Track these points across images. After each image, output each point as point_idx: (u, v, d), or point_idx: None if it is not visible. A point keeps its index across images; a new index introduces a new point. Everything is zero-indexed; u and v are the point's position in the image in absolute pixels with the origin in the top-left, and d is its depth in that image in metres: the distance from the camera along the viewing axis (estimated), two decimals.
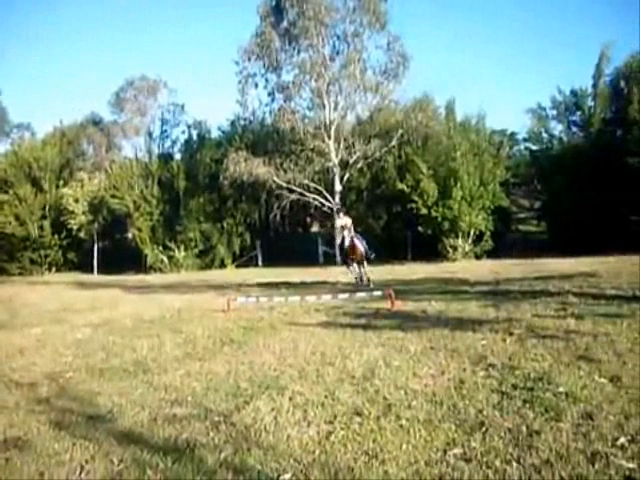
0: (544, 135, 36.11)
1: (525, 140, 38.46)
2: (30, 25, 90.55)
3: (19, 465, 4.10)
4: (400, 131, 31.90)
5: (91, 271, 39.14)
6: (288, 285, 17.47)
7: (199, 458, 3.93)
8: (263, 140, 35.72)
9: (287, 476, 3.57)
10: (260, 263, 36.29)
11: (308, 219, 39.74)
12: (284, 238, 37.21)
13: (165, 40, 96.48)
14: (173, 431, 4.52)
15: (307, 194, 32.54)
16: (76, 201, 38.95)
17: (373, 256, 16.36)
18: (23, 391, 6.26)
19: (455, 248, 29.75)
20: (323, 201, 32.56)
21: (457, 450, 3.74)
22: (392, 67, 31.82)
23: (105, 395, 5.78)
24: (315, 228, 39.14)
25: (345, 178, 32.99)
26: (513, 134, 39.47)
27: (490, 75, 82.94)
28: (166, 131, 43.69)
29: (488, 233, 30.30)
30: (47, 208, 41.01)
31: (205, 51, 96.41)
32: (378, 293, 11.73)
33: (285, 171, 31.97)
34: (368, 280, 15.89)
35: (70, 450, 4.29)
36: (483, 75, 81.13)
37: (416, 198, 29.94)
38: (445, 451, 3.74)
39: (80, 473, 3.87)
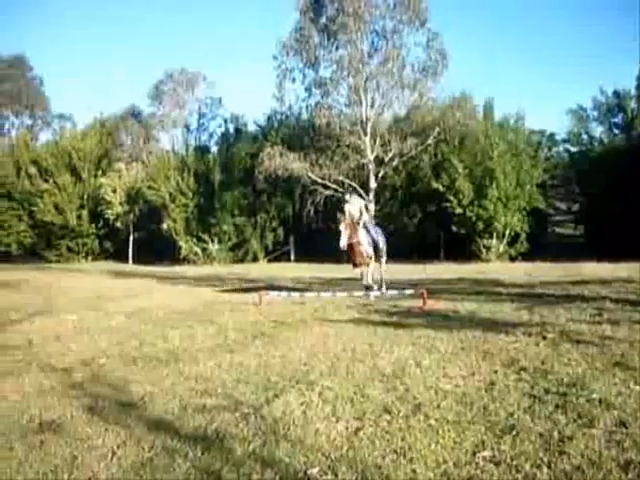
0: (584, 136, 35.47)
1: (564, 141, 37.81)
2: (72, 18, 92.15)
3: (53, 448, 4.19)
4: (437, 129, 31.66)
5: (126, 261, 39.73)
6: (320, 281, 17.50)
7: (228, 449, 3.96)
8: (299, 135, 35.79)
9: (314, 470, 3.58)
10: (292, 258, 36.43)
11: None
12: (317, 234, 37.21)
13: (205, 34, 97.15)
14: (203, 421, 4.57)
15: (341, 190, 32.44)
16: (113, 191, 39.55)
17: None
18: (58, 375, 6.40)
19: (489, 249, 29.48)
20: None
21: (486, 452, 3.71)
22: (431, 64, 31.57)
23: (137, 382, 5.87)
24: None
25: (380, 175, 32.85)
26: (552, 135, 38.82)
27: (530, 75, 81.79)
28: (203, 124, 44.21)
29: (523, 235, 29.93)
30: (85, 197, 41.74)
31: (244, 45, 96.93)
32: (410, 292, 11.67)
33: (320, 167, 31.98)
34: (380, 286, 13.18)
35: (102, 435, 4.37)
36: (523, 74, 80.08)
37: (451, 197, 29.73)
38: (474, 453, 3.71)
39: (111, 458, 3.94)
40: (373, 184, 32.43)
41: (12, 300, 14.62)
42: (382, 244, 13.46)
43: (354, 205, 13.06)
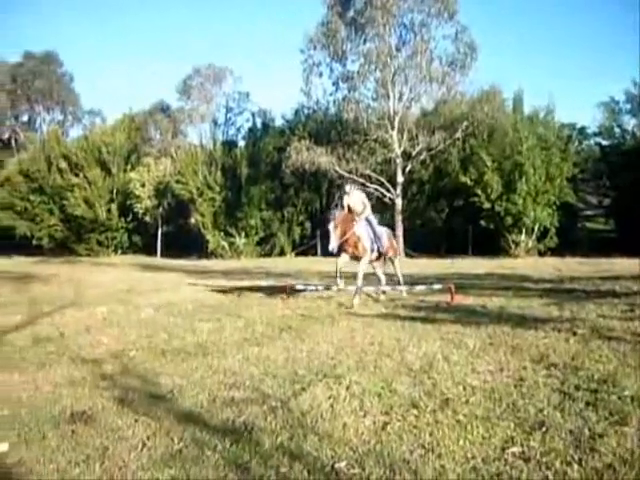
0: (616, 129, 34.90)
1: (595, 135, 37.25)
2: (101, 14, 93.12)
3: (84, 438, 4.26)
4: (465, 123, 31.40)
5: (155, 254, 40.14)
6: (347, 275, 17.44)
7: (256, 441, 3.99)
8: (326, 129, 35.74)
9: (342, 464, 3.58)
10: (319, 252, 36.47)
11: None
12: None
13: (232, 28, 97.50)
14: (231, 414, 4.60)
15: (368, 185, 32.37)
16: (142, 185, 39.94)
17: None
18: (89, 367, 6.49)
19: (518, 244, 29.18)
20: (384, 192, 32.38)
21: (516, 449, 3.67)
22: (459, 58, 31.30)
23: (166, 375, 5.93)
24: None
25: (407, 170, 32.72)
26: (583, 128, 38.23)
27: (561, 67, 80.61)
28: (231, 118, 44.49)
29: (553, 229, 29.56)
30: (115, 192, 42.20)
31: (271, 39, 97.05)
32: (438, 287, 11.61)
33: (347, 161, 31.96)
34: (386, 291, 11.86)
35: (132, 426, 4.43)
36: (554, 67, 78.90)
37: (479, 192, 29.46)
38: (503, 449, 3.68)
39: (142, 449, 3.99)
40: (400, 178, 32.31)
41: (44, 293, 14.88)
42: (384, 243, 11.72)
43: (354, 198, 11.53)
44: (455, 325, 7.83)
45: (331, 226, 10.65)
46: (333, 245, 10.64)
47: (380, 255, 11.71)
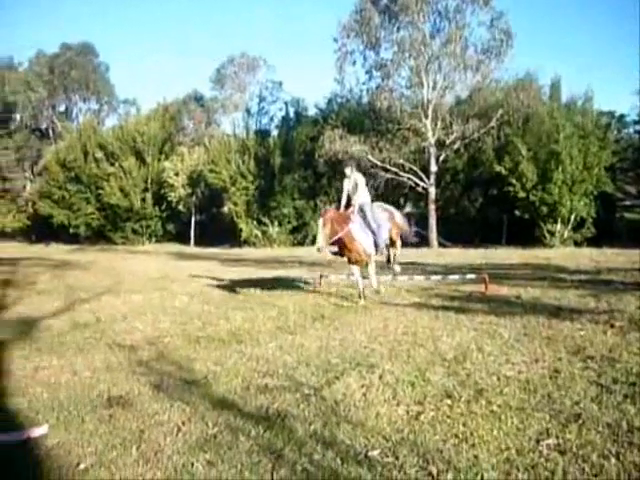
0: None
1: (635, 123, 36.30)
2: (136, 3, 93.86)
3: (121, 421, 4.35)
4: (500, 111, 30.88)
5: (188, 243, 40.54)
6: (379, 264, 17.38)
7: (289, 428, 4.02)
8: (359, 118, 35.52)
9: (375, 452, 3.60)
10: None
11: (402, 199, 39.33)
12: None
13: (265, 17, 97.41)
14: (265, 401, 4.65)
15: (402, 174, 32.21)
16: (176, 175, 40.30)
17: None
18: (125, 353, 6.62)
19: (553, 234, 28.67)
20: (418, 181, 32.15)
21: (551, 441, 3.64)
22: (495, 45, 30.72)
23: (201, 361, 6.01)
24: (408, 208, 38.58)
25: (441, 159, 32.39)
26: (622, 116, 37.26)
27: (600, 54, 78.73)
28: (264, 108, 44.57)
29: (590, 220, 28.96)
30: (149, 181, 42.68)
31: (304, 28, 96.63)
32: (472, 276, 11.51)
33: (380, 150, 31.76)
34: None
35: (168, 411, 4.51)
36: (592, 53, 77.11)
37: (514, 181, 28.99)
38: (538, 441, 3.65)
39: (177, 433, 4.06)
40: (434, 167, 32.00)
41: (81, 280, 15.17)
42: (384, 235, 10.40)
43: (352, 181, 10.31)
44: (489, 315, 7.77)
45: (319, 223, 9.61)
46: (320, 245, 9.54)
47: (377, 252, 10.45)
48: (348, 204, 10.22)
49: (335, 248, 10.08)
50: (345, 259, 10.31)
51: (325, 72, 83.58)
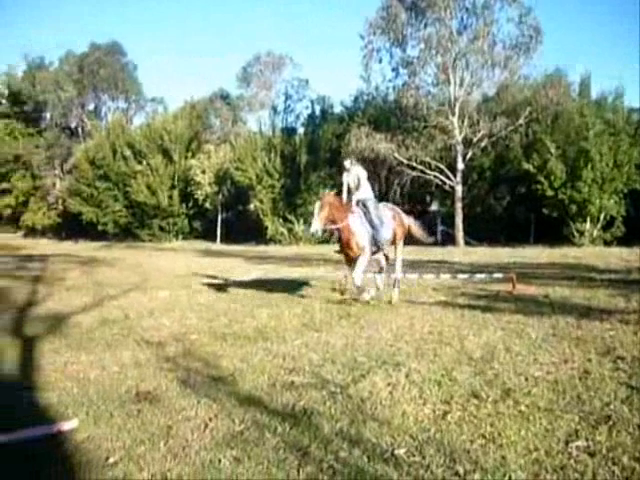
0: None
1: None
2: (164, 3, 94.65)
3: (149, 417, 4.39)
4: (528, 108, 30.50)
5: (214, 240, 40.78)
6: (405, 262, 17.31)
7: (316, 426, 4.03)
8: (385, 116, 35.40)
9: (401, 451, 3.58)
10: None
11: (428, 197, 39.15)
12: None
13: (292, 15, 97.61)
14: (291, 398, 4.66)
15: (428, 172, 32.03)
16: (203, 172, 40.52)
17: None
18: (152, 349, 6.68)
19: (582, 233, 28.29)
20: (444, 179, 31.95)
21: (580, 442, 3.59)
22: (523, 41, 30.35)
23: (227, 358, 6.05)
24: (434, 207, 38.48)
25: (468, 156, 32.12)
26: None
27: (630, 49, 77.38)
28: (290, 106, 44.60)
29: (620, 218, 28.50)
30: (176, 178, 42.99)
31: (330, 25, 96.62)
32: (499, 275, 11.40)
33: (407, 148, 31.60)
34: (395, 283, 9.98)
35: (195, 407, 4.55)
36: (623, 49, 75.86)
37: (542, 179, 28.65)
38: (567, 442, 3.60)
39: (204, 429, 4.09)
40: (461, 165, 31.75)
41: (110, 277, 15.36)
42: (385, 233, 9.67)
43: (353, 174, 9.73)
44: (517, 315, 7.70)
45: (316, 206, 9.12)
46: (315, 227, 9.04)
47: (378, 250, 9.81)
48: (349, 200, 9.64)
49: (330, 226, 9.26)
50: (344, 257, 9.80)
51: (351, 70, 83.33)
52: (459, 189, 31.73)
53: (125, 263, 20.37)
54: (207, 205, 41.70)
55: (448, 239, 31.64)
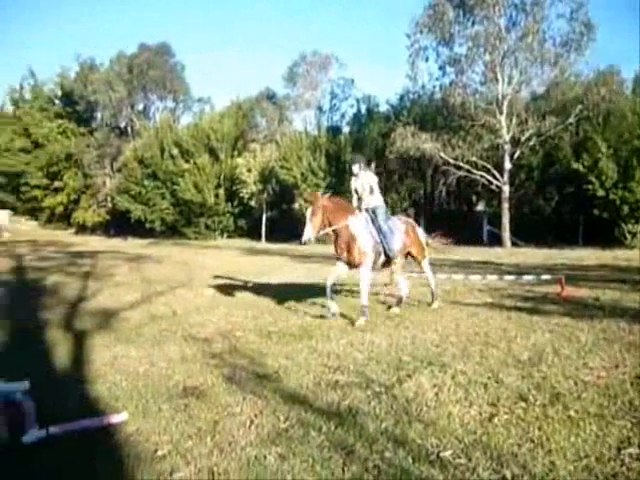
0: None
1: None
2: (209, 3, 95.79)
3: (196, 411, 4.46)
4: (579, 106, 29.83)
5: (259, 238, 41.08)
6: (451, 262, 17.15)
7: (360, 425, 4.02)
8: (432, 115, 35.16)
9: (447, 453, 3.55)
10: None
11: (474, 197, 38.71)
12: (448, 215, 36.60)
13: (337, 15, 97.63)
14: (335, 396, 4.66)
15: (474, 171, 31.65)
16: (248, 171, 40.86)
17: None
18: (199, 345, 6.78)
19: (634, 235, 27.52)
20: (491, 179, 31.51)
21: (633, 450, 3.50)
22: (574, 37, 29.69)
23: (272, 356, 6.09)
24: (481, 206, 38.05)
25: (515, 156, 31.60)
26: None
27: None
28: (335, 105, 44.75)
29: None
30: (222, 177, 43.48)
31: (376, 25, 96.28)
32: (547, 277, 11.19)
33: (453, 147, 31.27)
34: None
35: (241, 404, 4.59)
36: None
37: (593, 179, 27.99)
38: (619, 449, 3.51)
39: (249, 426, 4.13)
40: (508, 165, 31.27)
41: (157, 273, 15.62)
42: (396, 243, 8.74)
43: (362, 180, 8.88)
44: (565, 317, 7.55)
45: (308, 212, 8.27)
46: (308, 236, 8.12)
47: (389, 260, 8.77)
48: (359, 208, 8.79)
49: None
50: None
51: (397, 68, 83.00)
52: (506, 189, 31.26)
53: (172, 260, 20.69)
54: (252, 203, 42.03)
55: (494, 240, 31.21)
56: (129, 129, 56.03)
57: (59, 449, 3.89)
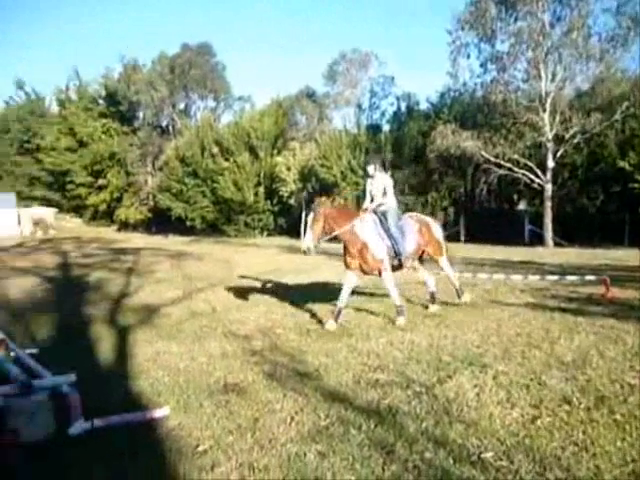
0: None
1: None
2: (252, 5, 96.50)
3: (237, 408, 4.50)
4: (625, 103, 29.06)
5: (298, 237, 41.13)
6: (491, 262, 16.94)
7: (401, 424, 4.01)
8: (473, 113, 34.71)
9: (489, 455, 3.52)
10: (462, 238, 35.70)
11: (515, 196, 38.10)
12: (489, 214, 36.14)
13: (377, 12, 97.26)
14: (375, 395, 4.66)
15: (516, 170, 31.13)
16: (288, 169, 40.99)
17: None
18: (239, 342, 6.85)
19: None
20: (533, 177, 30.97)
21: None
22: (621, 33, 28.87)
23: (312, 353, 6.11)
24: (522, 205, 37.44)
25: (559, 154, 30.98)
26: None
27: None
28: (375, 103, 44.60)
29: None
30: (261, 175, 43.71)
31: (416, 22, 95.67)
32: (591, 278, 10.96)
33: (494, 145, 30.80)
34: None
35: (281, 401, 4.63)
36: None
37: (639, 177, 27.31)
38: None
39: (290, 423, 4.15)
40: (551, 163, 30.68)
41: (197, 271, 15.82)
42: (408, 245, 8.33)
43: (377, 182, 8.54)
44: (611, 319, 7.38)
45: (309, 218, 7.93)
46: (307, 244, 7.77)
47: (400, 264, 8.32)
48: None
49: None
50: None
51: (438, 66, 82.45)
52: (549, 188, 30.67)
53: (212, 258, 20.93)
54: (292, 202, 42.17)
55: (536, 239, 30.67)
56: (170, 128, 56.76)
57: (103, 441, 3.97)
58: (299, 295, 10.68)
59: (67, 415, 4.19)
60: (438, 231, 9.22)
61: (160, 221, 50.73)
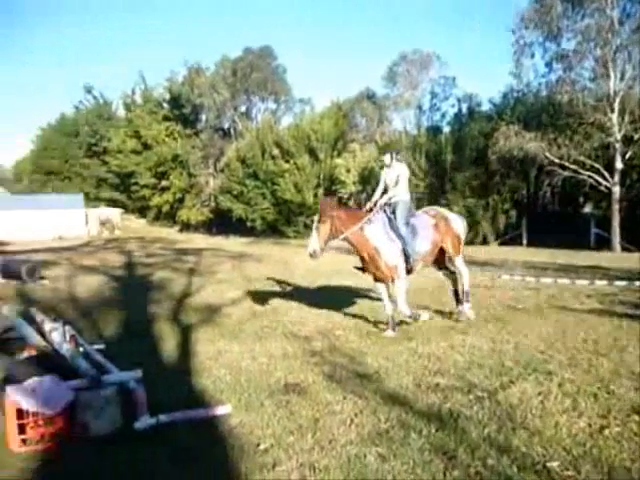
0: None
1: None
2: (309, 7, 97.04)
3: (297, 408, 4.53)
4: None
5: None
6: (555, 266, 16.51)
7: (462, 430, 3.96)
8: (536, 113, 33.90)
9: (554, 464, 3.43)
10: (525, 242, 34.91)
11: (581, 198, 37.02)
12: (552, 217, 35.20)
13: (438, 13, 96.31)
14: (436, 399, 4.61)
15: (582, 171, 30.22)
16: (347, 171, 40.99)
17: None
18: (299, 342, 6.90)
19: None
20: (600, 180, 30.02)
21: None
22: None
23: (372, 356, 6.10)
24: (588, 209, 36.33)
25: (627, 155, 29.95)
26: None
27: None
28: (436, 104, 44.10)
29: None
30: (321, 177, 43.85)
31: (479, 22, 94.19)
32: None
33: (559, 146, 29.99)
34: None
35: (341, 402, 4.63)
36: None
37: None
38: None
39: (350, 424, 4.16)
40: (619, 165, 29.66)
41: (257, 272, 15.97)
42: (420, 245, 7.85)
43: (394, 173, 8.29)
44: None
45: (315, 220, 7.64)
46: (313, 248, 7.46)
47: (410, 268, 7.79)
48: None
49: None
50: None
51: (500, 66, 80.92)
52: (616, 190, 29.67)
53: (272, 259, 21.10)
54: (351, 203, 42.13)
55: (603, 243, 29.71)
56: (232, 130, 57.59)
57: (168, 437, 4.06)
58: (357, 296, 10.67)
59: (133, 410, 4.30)
60: (459, 226, 8.71)
61: (221, 222, 51.54)
